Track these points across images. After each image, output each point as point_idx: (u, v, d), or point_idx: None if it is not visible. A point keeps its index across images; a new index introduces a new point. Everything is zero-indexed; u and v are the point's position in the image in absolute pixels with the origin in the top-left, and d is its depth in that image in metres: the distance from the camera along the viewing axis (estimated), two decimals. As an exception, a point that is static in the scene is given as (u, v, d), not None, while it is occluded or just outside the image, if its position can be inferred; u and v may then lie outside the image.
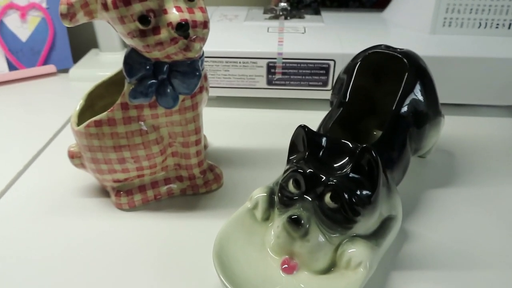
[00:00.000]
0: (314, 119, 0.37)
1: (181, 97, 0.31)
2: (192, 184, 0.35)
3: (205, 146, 0.42)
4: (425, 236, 0.32)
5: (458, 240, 0.31)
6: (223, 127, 0.47)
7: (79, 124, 0.32)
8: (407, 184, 0.34)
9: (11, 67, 0.59)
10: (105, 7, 0.27)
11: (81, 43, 0.65)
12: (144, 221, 0.33)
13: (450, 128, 0.43)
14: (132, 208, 0.34)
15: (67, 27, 0.61)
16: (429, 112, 0.35)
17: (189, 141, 0.33)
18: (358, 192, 0.25)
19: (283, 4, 0.57)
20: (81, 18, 0.27)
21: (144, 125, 0.31)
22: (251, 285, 0.25)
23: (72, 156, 0.34)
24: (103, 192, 0.36)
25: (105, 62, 0.62)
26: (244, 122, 0.48)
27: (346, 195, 0.25)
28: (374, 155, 0.25)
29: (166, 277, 0.28)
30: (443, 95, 0.37)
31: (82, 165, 0.34)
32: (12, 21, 0.58)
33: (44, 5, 0.59)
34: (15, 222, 0.33)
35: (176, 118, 0.32)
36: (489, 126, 0.47)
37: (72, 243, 0.31)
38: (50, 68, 0.60)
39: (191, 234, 0.32)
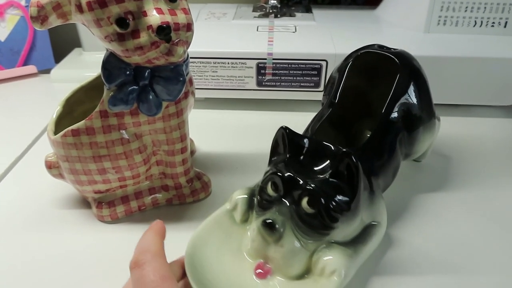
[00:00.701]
0: (305, 120, 0.36)
1: (164, 103, 0.29)
2: (179, 194, 0.34)
3: (192, 152, 0.40)
4: (410, 241, 0.31)
5: (444, 247, 0.31)
6: (212, 130, 0.45)
7: (57, 132, 0.30)
8: (398, 188, 0.33)
9: (-10, 68, 0.56)
10: (79, 9, 0.25)
11: (63, 42, 0.63)
12: (127, 234, 0.32)
13: (444, 129, 0.42)
14: (115, 220, 0.33)
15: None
16: (423, 115, 0.34)
17: (174, 149, 0.31)
18: (337, 198, 0.25)
19: (273, 2, 0.55)
20: (54, 21, 0.25)
21: (125, 134, 0.29)
22: None
23: (50, 166, 0.32)
24: (84, 203, 0.34)
25: (89, 62, 0.59)
26: (233, 124, 0.46)
27: (323, 200, 0.24)
28: (354, 160, 0.24)
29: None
30: (438, 95, 0.36)
31: (60, 176, 0.32)
32: (-10, 20, 0.56)
33: (23, 3, 0.57)
34: (-11, 237, 0.31)
35: (160, 125, 0.30)
36: (484, 127, 0.46)
37: (51, 258, 0.29)
38: (31, 68, 0.58)
39: (178, 247, 0.30)
